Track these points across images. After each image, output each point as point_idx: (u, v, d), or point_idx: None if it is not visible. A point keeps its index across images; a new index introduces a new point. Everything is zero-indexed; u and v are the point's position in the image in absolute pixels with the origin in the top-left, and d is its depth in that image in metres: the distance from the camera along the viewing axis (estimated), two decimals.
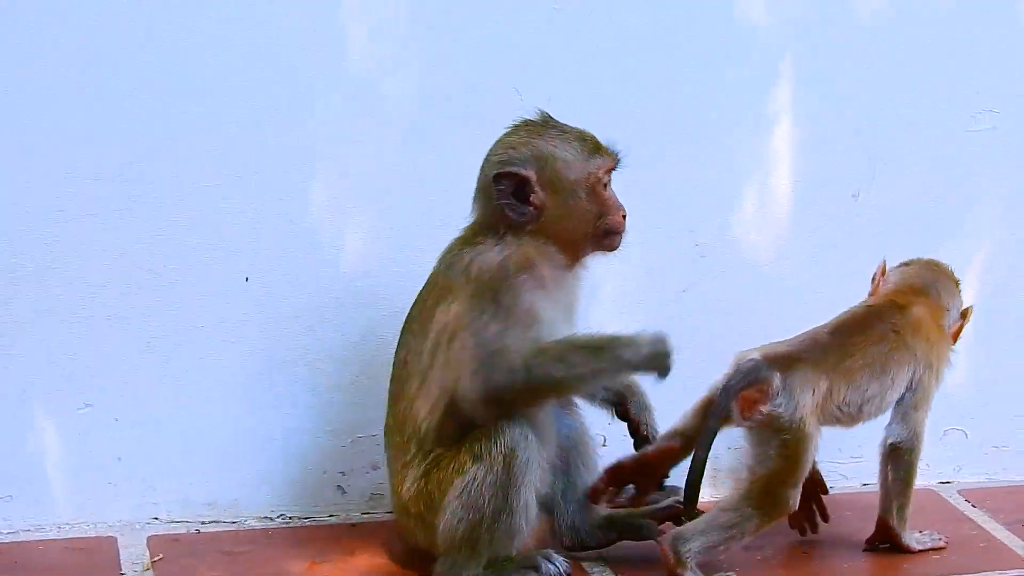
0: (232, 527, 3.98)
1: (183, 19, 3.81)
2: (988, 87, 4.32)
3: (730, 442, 3.77)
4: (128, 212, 3.86)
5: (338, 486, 4.06)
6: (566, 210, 3.58)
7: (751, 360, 3.61)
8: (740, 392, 3.59)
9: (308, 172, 3.95)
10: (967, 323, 3.96)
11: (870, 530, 3.93)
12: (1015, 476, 4.49)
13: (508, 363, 3.46)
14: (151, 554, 3.81)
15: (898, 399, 3.82)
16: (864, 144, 4.28)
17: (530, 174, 3.55)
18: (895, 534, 3.90)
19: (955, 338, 3.94)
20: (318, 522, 4.04)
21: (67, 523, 3.92)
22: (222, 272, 3.93)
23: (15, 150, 3.78)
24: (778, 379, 3.58)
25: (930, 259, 4.02)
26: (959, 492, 4.38)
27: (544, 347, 3.50)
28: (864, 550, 3.93)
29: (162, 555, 3.81)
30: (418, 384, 3.59)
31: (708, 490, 3.89)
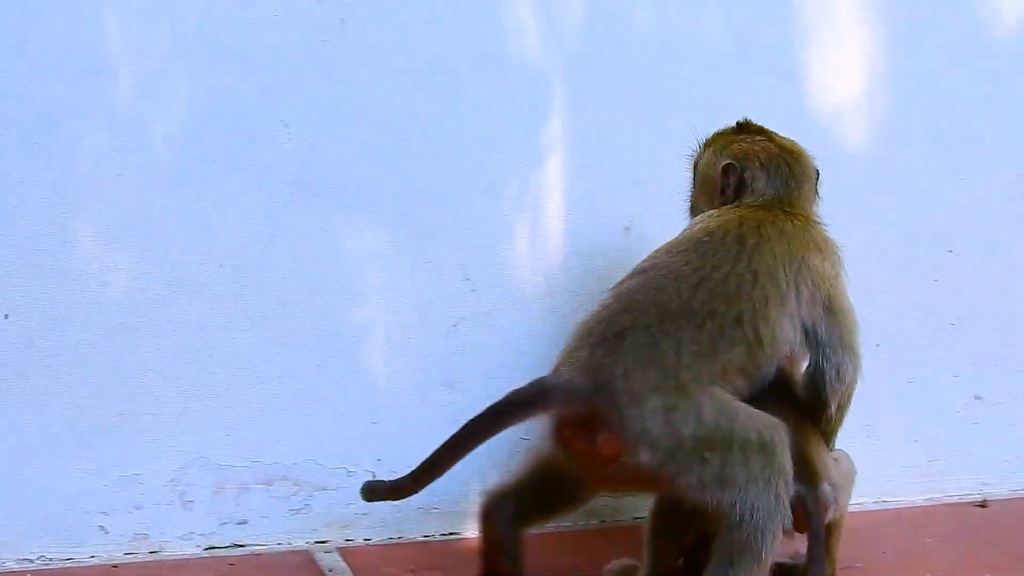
0: None
1: None
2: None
3: None
4: None
5: (100, 526, 3.98)
6: None
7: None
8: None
9: (71, 206, 3.87)
10: None
11: None
12: None
13: None
14: None
15: None
16: (635, 176, 4.34)
17: None
18: None
19: None
20: (79, 564, 3.96)
21: None
22: None
23: None
24: None
25: None
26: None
27: None
28: None
29: None
30: None
31: None
